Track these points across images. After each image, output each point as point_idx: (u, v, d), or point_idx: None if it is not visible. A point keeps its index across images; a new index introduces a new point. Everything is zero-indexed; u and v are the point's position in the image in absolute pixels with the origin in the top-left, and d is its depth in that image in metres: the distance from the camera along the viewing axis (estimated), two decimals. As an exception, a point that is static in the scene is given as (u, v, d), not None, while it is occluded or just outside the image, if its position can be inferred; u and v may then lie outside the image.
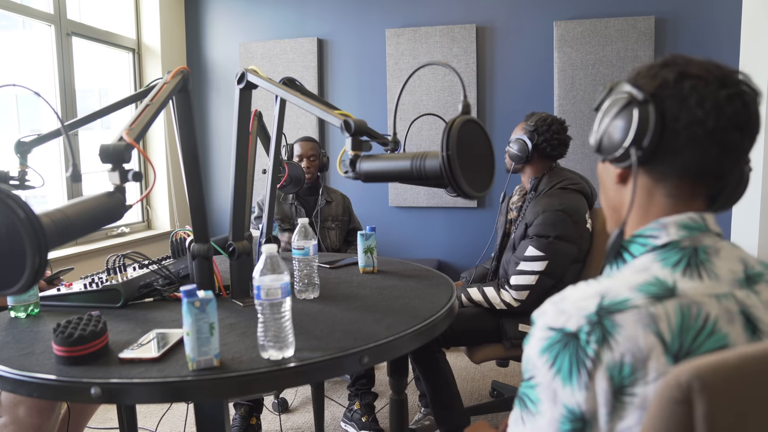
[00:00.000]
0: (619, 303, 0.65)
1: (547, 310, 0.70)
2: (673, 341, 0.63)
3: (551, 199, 1.92)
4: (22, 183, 1.40)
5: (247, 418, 2.28)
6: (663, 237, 0.72)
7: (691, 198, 0.73)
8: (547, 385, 0.66)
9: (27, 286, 0.83)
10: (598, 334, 0.63)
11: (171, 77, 1.31)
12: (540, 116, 2.00)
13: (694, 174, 0.72)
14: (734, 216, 3.09)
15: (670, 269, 0.69)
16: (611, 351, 0.63)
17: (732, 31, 3.06)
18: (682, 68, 0.70)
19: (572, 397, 0.64)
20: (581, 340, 0.64)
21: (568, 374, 0.64)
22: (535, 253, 1.88)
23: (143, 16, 3.57)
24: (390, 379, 1.64)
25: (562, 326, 0.66)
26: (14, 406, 1.42)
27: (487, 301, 1.97)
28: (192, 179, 1.41)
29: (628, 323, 0.64)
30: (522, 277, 1.90)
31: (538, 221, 1.89)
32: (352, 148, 1.12)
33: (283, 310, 0.99)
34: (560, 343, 0.65)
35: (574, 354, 0.64)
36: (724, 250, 0.72)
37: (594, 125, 0.78)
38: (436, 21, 3.43)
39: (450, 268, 3.55)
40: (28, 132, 1.40)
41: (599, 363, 0.63)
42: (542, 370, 0.67)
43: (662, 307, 0.65)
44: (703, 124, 0.68)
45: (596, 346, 0.63)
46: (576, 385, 0.64)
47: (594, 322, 0.64)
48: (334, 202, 2.65)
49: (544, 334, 0.67)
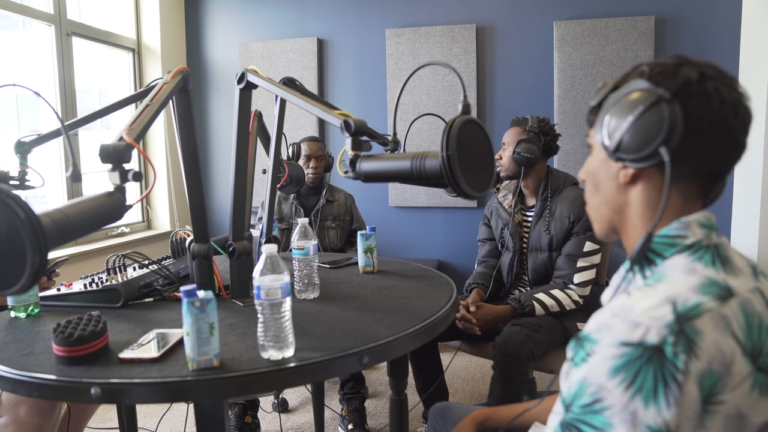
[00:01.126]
0: (693, 308, 0.61)
1: (612, 324, 0.62)
2: (746, 341, 0.62)
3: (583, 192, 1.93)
4: (22, 183, 1.40)
5: (241, 417, 2.29)
6: (690, 236, 0.71)
7: (697, 197, 0.74)
8: (622, 408, 0.59)
9: (27, 286, 0.83)
10: (684, 344, 0.59)
11: (171, 77, 1.31)
12: (534, 118, 2.03)
13: (707, 174, 0.72)
14: (734, 216, 3.09)
15: (713, 268, 0.67)
16: (699, 360, 0.59)
17: (732, 31, 3.06)
18: (700, 68, 0.70)
19: (658, 416, 0.58)
20: (667, 352, 0.58)
21: (653, 392, 0.58)
22: (593, 247, 1.94)
23: (143, 16, 3.57)
24: (390, 379, 1.64)
25: (640, 340, 0.59)
26: (15, 405, 1.42)
27: (559, 305, 1.94)
28: (192, 179, 1.41)
29: (708, 328, 0.60)
30: (585, 273, 1.94)
31: (587, 215, 1.89)
32: (352, 148, 1.12)
33: (283, 310, 0.99)
34: (641, 359, 0.59)
35: (659, 369, 0.58)
36: (730, 247, 0.73)
37: (598, 124, 0.75)
38: (436, 21, 3.43)
39: (450, 268, 3.55)
40: (28, 132, 1.40)
41: (689, 375, 0.58)
42: (615, 393, 0.59)
43: (729, 308, 0.63)
44: (724, 124, 0.68)
45: (685, 356, 0.58)
46: (663, 403, 0.57)
47: (677, 331, 0.59)
48: (336, 201, 2.63)
49: (617, 351, 0.60)
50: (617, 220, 0.79)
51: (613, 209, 0.78)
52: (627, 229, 0.78)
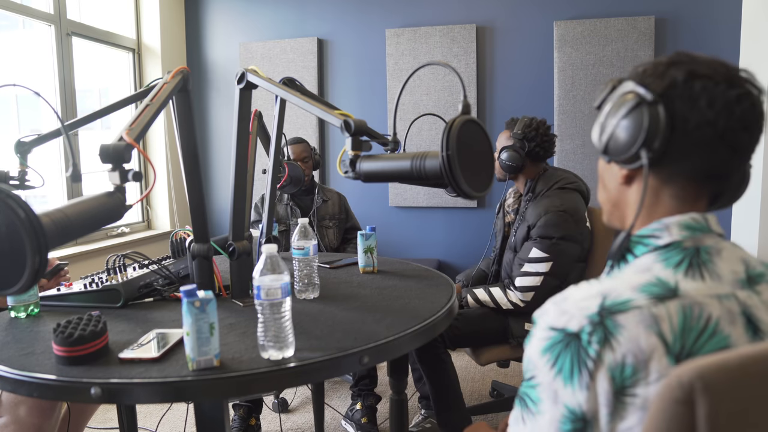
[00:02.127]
0: (621, 303, 0.65)
1: (548, 310, 0.69)
2: (675, 342, 0.63)
3: (552, 199, 1.91)
4: (22, 183, 1.40)
5: (246, 419, 2.28)
6: (665, 237, 0.72)
7: (696, 198, 0.73)
8: (548, 385, 0.66)
9: (27, 286, 0.83)
10: (599, 334, 0.63)
11: (171, 77, 1.31)
12: (523, 122, 1.98)
13: (703, 175, 0.71)
14: (734, 216, 3.09)
15: (672, 269, 0.69)
16: (613, 351, 0.62)
17: (732, 31, 3.06)
18: (690, 67, 0.69)
19: (573, 397, 0.64)
20: (583, 340, 0.64)
21: (570, 374, 0.64)
22: (540, 255, 1.88)
23: (143, 16, 3.57)
24: (390, 379, 1.64)
25: (563, 326, 0.66)
26: (15, 405, 1.42)
27: (494, 302, 1.98)
28: (192, 179, 1.41)
29: (630, 324, 0.63)
30: (527, 278, 1.90)
31: (540, 223, 1.88)
32: (352, 148, 1.12)
33: (283, 310, 0.99)
34: (562, 343, 0.65)
35: (575, 354, 0.64)
36: (725, 251, 0.72)
37: (596, 124, 0.77)
38: (436, 21, 3.43)
39: (450, 268, 3.55)
40: (28, 132, 1.40)
41: (601, 363, 0.62)
42: (543, 370, 0.66)
43: (664, 308, 0.64)
44: (714, 125, 0.67)
45: (598, 346, 0.63)
46: (577, 385, 0.63)
47: (596, 323, 0.64)
48: (330, 200, 2.64)
49: (546, 334, 0.67)
50: (620, 215, 0.81)
51: (615, 206, 0.81)
52: (623, 224, 0.80)
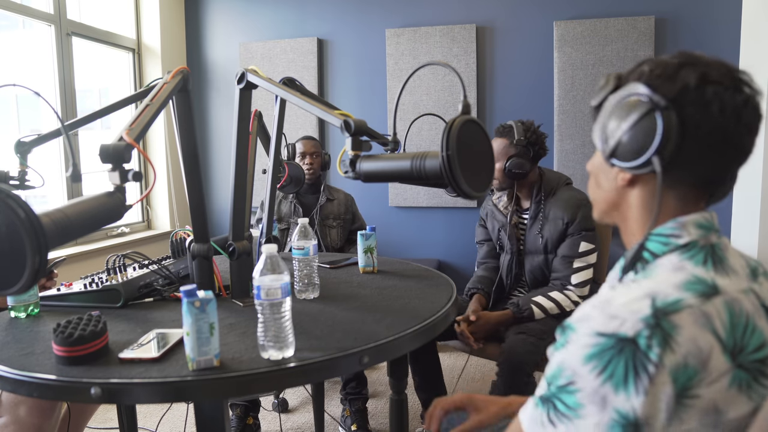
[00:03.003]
0: (672, 303, 0.63)
1: (592, 316, 0.65)
2: (728, 338, 0.63)
3: (575, 193, 2.00)
4: (22, 183, 1.40)
5: (243, 418, 2.28)
6: (684, 236, 0.71)
7: (698, 199, 0.74)
8: (593, 392, 0.62)
9: (27, 286, 0.83)
10: (659, 337, 0.61)
11: (171, 77, 1.31)
12: (519, 127, 1.98)
13: (708, 179, 0.72)
14: (734, 216, 3.09)
15: (702, 267, 0.68)
16: (674, 353, 0.60)
17: (732, 31, 3.06)
18: (701, 70, 0.68)
19: (627, 402, 0.60)
20: (641, 345, 0.61)
21: (623, 380, 0.60)
22: (588, 247, 1.94)
23: (143, 16, 3.57)
24: (390, 379, 1.64)
25: (614, 331, 0.62)
26: (15, 405, 1.42)
27: (559, 307, 1.93)
28: (192, 179, 1.41)
29: (686, 323, 0.62)
30: (582, 273, 1.94)
31: (580, 217, 1.94)
32: (352, 148, 1.12)
33: (283, 310, 0.99)
34: (613, 349, 0.61)
35: (630, 359, 0.60)
36: (729, 247, 0.73)
37: (598, 125, 0.75)
38: (436, 21, 3.43)
39: (450, 268, 3.55)
40: (28, 132, 1.40)
41: (662, 367, 0.60)
42: (587, 378, 0.62)
43: (712, 306, 0.64)
44: (724, 130, 0.67)
45: (659, 349, 0.60)
46: (633, 391, 0.60)
47: (652, 325, 0.61)
48: (336, 200, 2.64)
49: (592, 341, 0.63)
50: (617, 216, 0.81)
51: (612, 207, 0.80)
52: (626, 226, 0.80)
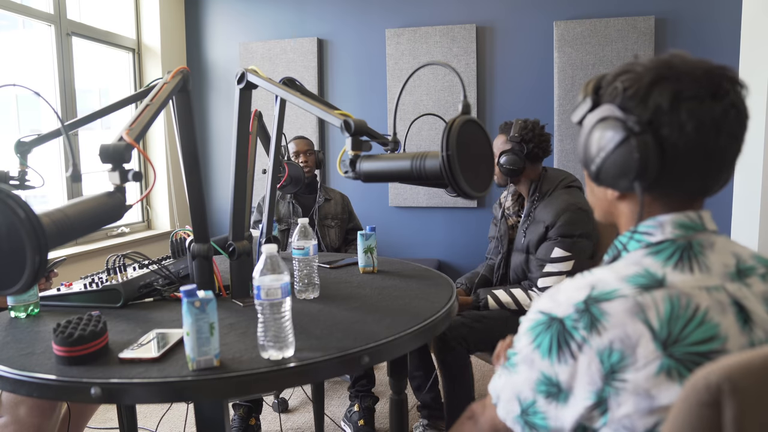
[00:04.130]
0: (607, 293, 0.68)
1: (543, 298, 0.75)
2: (661, 329, 0.65)
3: (566, 197, 1.92)
4: (22, 183, 1.40)
5: (246, 418, 2.28)
6: (658, 235, 0.73)
7: (692, 201, 0.75)
8: (525, 355, 0.74)
9: (27, 286, 0.83)
10: (586, 320, 0.68)
11: (171, 77, 1.31)
12: (519, 124, 1.98)
13: (696, 192, 0.73)
14: (734, 216, 3.09)
15: (661, 262, 0.71)
16: (599, 336, 0.66)
17: (732, 31, 3.06)
18: (674, 87, 0.67)
19: (551, 368, 0.70)
20: (567, 325, 0.69)
21: (548, 350, 0.70)
22: (562, 254, 1.88)
23: (143, 16, 3.57)
24: (390, 379, 1.64)
25: (549, 311, 0.72)
26: (15, 405, 1.42)
27: (516, 303, 1.95)
28: (192, 179, 1.41)
29: (616, 311, 0.67)
30: (550, 278, 1.89)
31: (561, 222, 1.87)
32: (352, 148, 1.12)
33: (283, 310, 0.99)
34: (543, 324, 0.72)
35: (555, 335, 0.70)
36: (718, 244, 0.73)
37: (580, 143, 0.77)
38: (436, 21, 3.43)
39: (450, 268, 3.55)
40: (28, 132, 1.40)
41: (587, 346, 0.67)
42: (525, 343, 0.74)
43: (650, 297, 0.67)
44: (704, 147, 0.68)
45: (585, 332, 0.67)
46: (556, 360, 0.69)
47: (581, 310, 0.68)
48: (333, 200, 2.65)
49: (534, 316, 0.74)
50: (613, 220, 0.83)
51: (607, 213, 0.84)
52: (621, 228, 0.82)
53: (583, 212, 1.87)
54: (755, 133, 2.78)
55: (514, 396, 0.75)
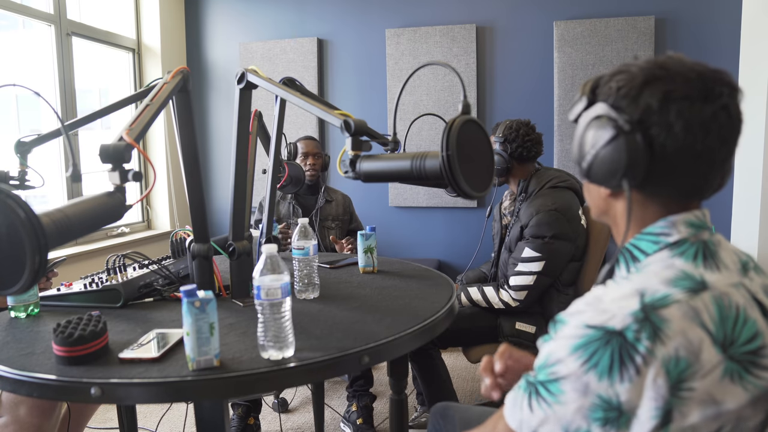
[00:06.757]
0: (660, 299, 0.65)
1: (583, 310, 0.68)
2: (717, 332, 0.64)
3: (544, 198, 1.93)
4: (22, 183, 1.40)
5: (244, 418, 2.28)
6: (674, 234, 0.73)
7: (687, 201, 0.75)
8: (576, 379, 0.65)
9: (27, 286, 0.83)
10: (648, 330, 0.63)
11: (171, 77, 1.31)
12: (504, 125, 2.02)
13: (686, 192, 0.73)
14: (734, 216, 3.09)
15: (692, 263, 0.70)
16: (664, 346, 0.62)
17: (732, 31, 3.06)
18: (665, 87, 0.68)
19: (610, 389, 0.63)
20: (628, 337, 0.63)
21: (608, 370, 0.63)
22: (532, 254, 1.90)
23: (143, 16, 3.57)
24: (390, 379, 1.64)
25: (603, 324, 0.65)
26: (15, 405, 1.42)
27: (486, 301, 2.00)
28: (192, 179, 1.41)
29: (675, 317, 0.63)
30: (520, 277, 1.92)
31: (533, 222, 1.90)
32: (352, 148, 1.12)
33: (283, 310, 0.99)
34: (600, 341, 0.64)
35: (617, 350, 0.63)
36: (722, 242, 0.74)
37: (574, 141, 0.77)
38: (436, 21, 3.43)
39: (450, 268, 3.55)
40: (28, 132, 1.40)
41: (653, 358, 0.62)
42: (572, 366, 0.65)
43: (700, 300, 0.65)
44: (692, 147, 0.68)
45: (648, 342, 0.62)
46: (617, 379, 0.63)
47: (641, 319, 0.63)
48: (334, 201, 2.64)
49: (580, 332, 0.66)
50: (608, 218, 0.83)
51: (602, 211, 0.83)
52: (616, 228, 0.82)
53: (557, 213, 1.88)
54: (755, 133, 2.78)
55: (560, 429, 0.67)
